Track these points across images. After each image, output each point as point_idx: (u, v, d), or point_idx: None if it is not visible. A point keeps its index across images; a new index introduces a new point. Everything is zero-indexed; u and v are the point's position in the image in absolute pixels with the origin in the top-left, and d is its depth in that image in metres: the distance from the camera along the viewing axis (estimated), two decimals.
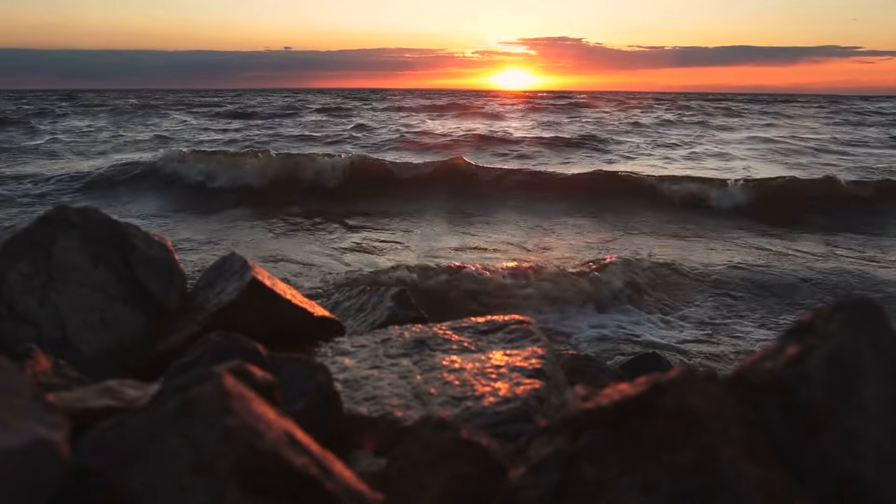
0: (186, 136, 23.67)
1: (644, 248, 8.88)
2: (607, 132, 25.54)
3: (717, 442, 0.84)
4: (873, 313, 0.96)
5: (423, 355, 1.79)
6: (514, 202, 12.30)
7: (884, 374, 0.91)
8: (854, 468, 0.86)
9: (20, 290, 1.86)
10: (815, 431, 0.89)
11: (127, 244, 2.05)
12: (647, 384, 0.91)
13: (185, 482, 0.77)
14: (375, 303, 2.60)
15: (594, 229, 10.45)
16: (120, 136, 23.32)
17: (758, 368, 0.97)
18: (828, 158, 19.57)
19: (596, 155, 19.47)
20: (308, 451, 0.87)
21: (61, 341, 1.84)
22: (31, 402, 0.87)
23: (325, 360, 1.81)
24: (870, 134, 27.71)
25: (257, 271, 2.04)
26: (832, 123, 33.26)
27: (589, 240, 9.70)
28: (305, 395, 1.36)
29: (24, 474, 0.76)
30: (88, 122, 29.89)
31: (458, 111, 39.15)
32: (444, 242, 9.28)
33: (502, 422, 1.41)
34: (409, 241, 9.37)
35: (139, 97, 60.77)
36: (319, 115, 34.31)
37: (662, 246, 9.21)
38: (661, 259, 8.17)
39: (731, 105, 52.96)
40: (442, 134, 22.69)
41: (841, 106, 54.98)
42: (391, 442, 1.39)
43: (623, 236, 10.00)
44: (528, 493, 0.91)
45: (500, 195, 12.79)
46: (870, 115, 40.68)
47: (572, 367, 2.74)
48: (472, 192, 12.97)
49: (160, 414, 0.84)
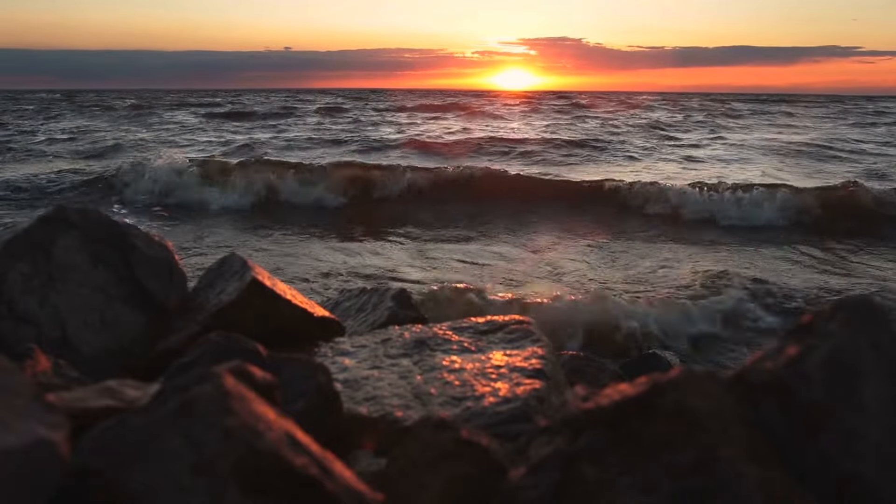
0: (201, 139, 22.49)
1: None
2: (623, 134, 24.55)
3: (717, 442, 0.84)
4: (873, 314, 0.96)
5: (423, 355, 1.79)
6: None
7: (884, 374, 0.91)
8: (854, 468, 0.86)
9: (20, 289, 1.86)
10: (815, 431, 0.89)
11: (127, 244, 2.05)
12: (647, 384, 0.91)
13: (185, 482, 0.77)
14: (376, 303, 2.60)
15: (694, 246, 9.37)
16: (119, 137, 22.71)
17: (758, 368, 0.97)
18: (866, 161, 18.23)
19: (625, 162, 18.55)
20: (308, 451, 0.87)
21: (61, 341, 1.84)
22: (31, 402, 0.87)
23: (325, 361, 1.81)
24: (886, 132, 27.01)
25: (257, 271, 2.04)
26: (848, 124, 32.34)
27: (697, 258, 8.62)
28: (305, 395, 1.36)
29: (24, 474, 0.76)
30: (83, 122, 29.26)
31: (468, 112, 37.75)
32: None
33: (502, 422, 1.41)
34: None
35: (140, 97, 59.61)
36: (321, 117, 32.45)
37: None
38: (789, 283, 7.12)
39: (742, 105, 52.04)
40: (460, 141, 21.60)
41: (844, 106, 54.27)
42: (391, 442, 1.39)
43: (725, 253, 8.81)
44: (528, 493, 0.91)
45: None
46: (881, 114, 39.75)
47: (572, 367, 2.74)
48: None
49: (160, 414, 0.84)
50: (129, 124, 28.15)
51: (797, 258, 8.53)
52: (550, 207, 11.64)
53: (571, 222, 10.62)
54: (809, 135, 24.84)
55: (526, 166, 16.19)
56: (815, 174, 15.77)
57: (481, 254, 8.47)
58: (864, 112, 43.12)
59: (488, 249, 8.73)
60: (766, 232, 10.34)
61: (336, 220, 11.14)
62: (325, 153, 18.18)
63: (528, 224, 10.48)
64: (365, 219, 10.90)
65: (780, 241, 9.59)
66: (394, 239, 9.37)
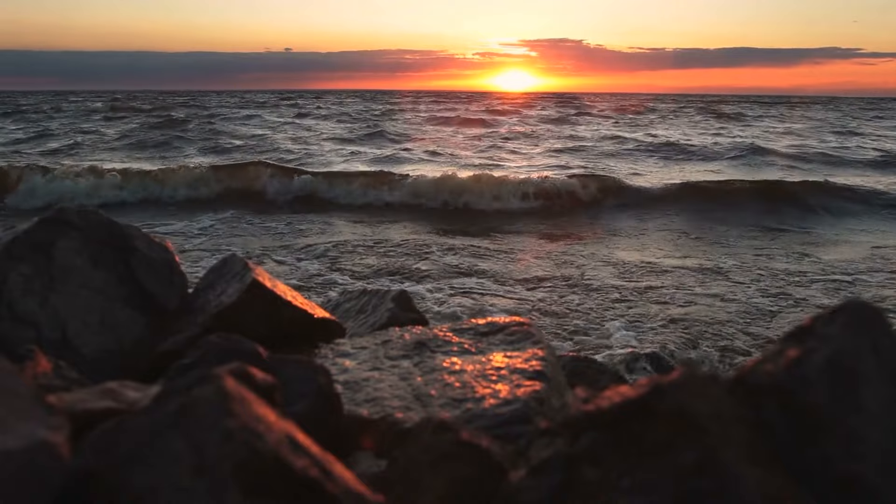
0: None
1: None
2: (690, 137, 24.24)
3: (717, 444, 0.84)
4: (874, 317, 0.96)
5: (423, 357, 1.79)
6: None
7: (884, 376, 0.92)
8: (854, 470, 0.86)
9: (21, 291, 1.86)
10: (816, 433, 0.89)
11: (127, 246, 2.05)
12: (648, 386, 0.91)
13: (185, 484, 0.77)
14: (376, 304, 2.60)
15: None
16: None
17: (759, 371, 0.97)
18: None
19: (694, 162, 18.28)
20: (309, 452, 0.87)
21: (62, 343, 1.85)
22: (31, 403, 0.88)
23: (325, 362, 1.81)
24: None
25: (258, 273, 2.04)
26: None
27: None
28: (306, 396, 1.36)
29: (25, 476, 0.76)
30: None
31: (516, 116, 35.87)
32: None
33: (503, 423, 1.41)
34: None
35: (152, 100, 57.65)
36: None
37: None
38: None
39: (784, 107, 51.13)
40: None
41: (854, 107, 53.70)
42: (392, 444, 1.39)
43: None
44: (528, 494, 0.91)
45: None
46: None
47: (573, 369, 2.74)
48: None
49: (160, 416, 0.84)
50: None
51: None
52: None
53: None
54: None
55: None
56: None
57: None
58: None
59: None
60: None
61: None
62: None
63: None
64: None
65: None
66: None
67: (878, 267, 8.18)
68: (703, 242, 9.66)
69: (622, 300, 6.64)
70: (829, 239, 10.08)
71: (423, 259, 8.33)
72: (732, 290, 7.03)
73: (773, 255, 8.74)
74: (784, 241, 9.77)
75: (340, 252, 8.67)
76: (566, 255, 8.76)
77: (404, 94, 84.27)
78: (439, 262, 8.14)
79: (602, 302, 6.62)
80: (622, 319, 6.06)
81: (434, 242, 9.30)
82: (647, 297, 6.73)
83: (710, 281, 7.40)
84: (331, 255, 8.55)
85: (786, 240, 9.92)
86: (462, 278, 7.45)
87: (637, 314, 6.22)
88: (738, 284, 7.27)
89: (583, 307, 6.43)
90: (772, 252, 8.95)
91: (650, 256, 8.72)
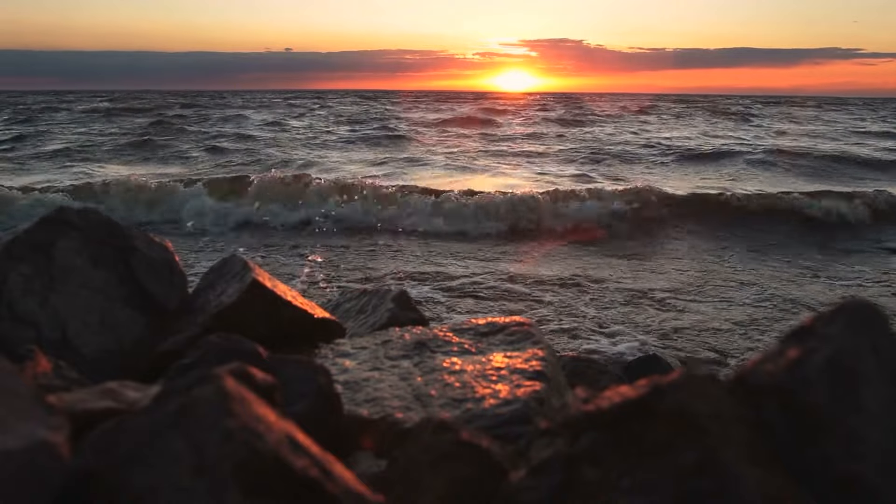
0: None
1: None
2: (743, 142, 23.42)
3: (717, 444, 0.84)
4: (874, 317, 0.96)
5: (423, 357, 1.79)
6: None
7: (884, 376, 0.92)
8: (854, 470, 0.86)
9: (21, 291, 1.86)
10: (816, 433, 0.89)
11: (127, 245, 2.05)
12: (648, 386, 0.91)
13: (185, 484, 0.77)
14: (376, 304, 2.60)
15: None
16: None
17: (759, 371, 0.97)
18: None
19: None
20: (309, 452, 0.87)
21: (62, 343, 1.84)
22: (31, 403, 0.87)
23: (325, 362, 1.81)
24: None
25: (258, 273, 2.04)
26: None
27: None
28: (306, 396, 1.36)
29: (25, 476, 0.76)
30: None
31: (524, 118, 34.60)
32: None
33: (503, 423, 1.41)
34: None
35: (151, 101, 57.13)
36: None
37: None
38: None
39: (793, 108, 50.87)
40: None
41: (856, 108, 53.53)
42: (392, 444, 1.39)
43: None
44: (528, 494, 0.91)
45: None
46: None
47: (573, 370, 2.74)
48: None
49: (161, 416, 0.84)
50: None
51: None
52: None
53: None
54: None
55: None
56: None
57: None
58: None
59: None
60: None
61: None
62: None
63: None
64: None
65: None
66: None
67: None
68: (729, 252, 9.38)
69: (626, 303, 6.63)
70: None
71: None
72: (742, 296, 7.01)
73: (783, 264, 8.65)
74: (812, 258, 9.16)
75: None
76: (569, 256, 8.74)
77: (405, 95, 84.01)
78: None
79: (603, 303, 6.62)
80: (622, 320, 6.07)
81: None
82: (651, 301, 6.73)
83: (740, 290, 7.33)
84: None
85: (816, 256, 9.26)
86: (462, 279, 7.47)
87: (638, 316, 6.22)
88: (748, 288, 7.26)
89: (584, 308, 6.43)
90: (780, 261, 8.84)
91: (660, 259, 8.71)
